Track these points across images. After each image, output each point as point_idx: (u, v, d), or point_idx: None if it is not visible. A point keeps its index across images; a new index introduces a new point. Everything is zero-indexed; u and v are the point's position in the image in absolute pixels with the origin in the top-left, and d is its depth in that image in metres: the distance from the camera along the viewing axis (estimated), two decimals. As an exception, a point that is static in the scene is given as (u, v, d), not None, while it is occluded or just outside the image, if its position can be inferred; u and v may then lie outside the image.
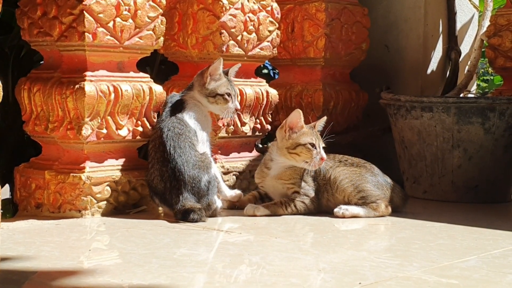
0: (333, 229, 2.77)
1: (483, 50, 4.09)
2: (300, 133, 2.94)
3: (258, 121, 3.49)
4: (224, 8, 3.27)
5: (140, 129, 3.01)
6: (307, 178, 3.01)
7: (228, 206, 3.07)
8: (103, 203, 2.88)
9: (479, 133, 3.38)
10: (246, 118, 3.42)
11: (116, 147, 2.97)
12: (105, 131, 2.90)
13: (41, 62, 3.39)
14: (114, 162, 2.97)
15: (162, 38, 3.08)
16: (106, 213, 2.88)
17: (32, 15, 2.94)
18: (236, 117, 3.31)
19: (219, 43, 3.28)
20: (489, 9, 4.06)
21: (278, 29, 3.54)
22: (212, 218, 2.84)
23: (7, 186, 3.71)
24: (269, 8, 3.48)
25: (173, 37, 3.37)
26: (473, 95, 4.07)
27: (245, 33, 3.36)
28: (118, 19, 2.90)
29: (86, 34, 2.81)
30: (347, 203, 2.98)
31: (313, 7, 3.85)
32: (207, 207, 2.83)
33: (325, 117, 3.07)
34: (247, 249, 2.40)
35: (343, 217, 2.92)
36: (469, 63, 4.06)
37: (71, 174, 2.84)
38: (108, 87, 2.88)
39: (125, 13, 2.92)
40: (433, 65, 4.18)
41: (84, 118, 2.82)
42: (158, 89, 3.06)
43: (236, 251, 2.37)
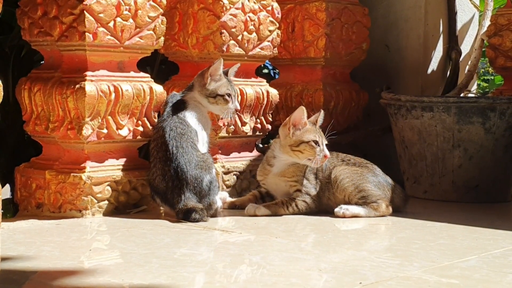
0: (334, 229, 2.76)
1: (483, 49, 4.09)
2: (303, 130, 2.94)
3: (259, 121, 3.48)
4: (224, 8, 3.27)
5: (140, 129, 3.01)
6: (309, 176, 3.00)
7: (228, 206, 3.07)
8: (103, 203, 2.88)
9: (480, 133, 3.38)
10: (247, 118, 3.42)
11: (117, 147, 2.98)
12: (105, 131, 2.90)
13: (41, 62, 3.39)
14: (114, 162, 2.97)
15: (162, 38, 3.08)
16: (106, 213, 2.88)
17: (33, 15, 2.94)
18: (236, 117, 3.32)
19: (220, 43, 3.28)
20: (489, 8, 4.06)
21: (279, 29, 3.54)
22: (212, 218, 2.84)
23: (7, 186, 3.72)
24: (269, 8, 3.47)
25: (173, 37, 3.38)
26: (473, 95, 4.07)
27: (245, 33, 3.36)
28: (118, 19, 2.91)
29: (86, 34, 2.82)
30: (348, 202, 2.98)
31: (314, 6, 3.85)
32: (208, 207, 2.84)
33: (322, 111, 3.05)
34: (247, 249, 2.40)
35: (344, 217, 2.92)
36: (469, 62, 4.06)
37: (72, 174, 2.84)
38: (108, 87, 2.88)
39: (125, 13, 2.92)
40: (433, 65, 4.18)
41: (85, 118, 2.82)
42: (159, 89, 3.06)
43: (237, 251, 2.37)
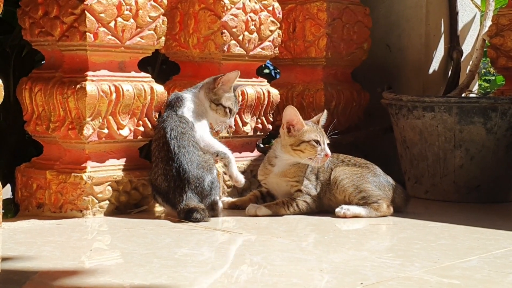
0: (335, 229, 2.76)
1: (485, 50, 4.09)
2: (304, 129, 2.95)
3: (260, 121, 3.48)
4: (225, 8, 3.26)
5: (141, 129, 3.01)
6: (310, 176, 3.00)
7: (229, 206, 3.07)
8: (104, 203, 2.88)
9: (481, 133, 3.38)
10: (248, 118, 3.42)
11: (118, 147, 2.97)
12: (106, 131, 2.90)
13: (42, 62, 3.39)
14: (115, 162, 2.97)
15: (163, 38, 3.08)
16: (107, 213, 2.88)
17: (34, 14, 2.93)
18: (237, 116, 3.32)
19: (221, 43, 3.28)
20: (491, 8, 4.05)
21: (280, 28, 3.53)
22: (213, 218, 2.84)
23: (8, 186, 3.72)
24: (270, 8, 3.47)
25: (174, 37, 3.37)
26: (475, 95, 4.07)
27: (246, 33, 3.36)
28: (119, 19, 2.90)
29: (87, 34, 2.81)
30: (348, 203, 2.97)
31: (315, 6, 3.85)
32: (209, 207, 2.84)
33: (325, 111, 3.08)
34: (248, 249, 2.40)
35: (345, 217, 2.92)
36: (471, 63, 4.05)
37: (73, 174, 2.84)
38: (109, 87, 2.88)
39: (126, 13, 2.92)
40: (435, 65, 4.18)
41: (86, 118, 2.82)
42: (160, 89, 3.06)
43: (238, 251, 2.37)
